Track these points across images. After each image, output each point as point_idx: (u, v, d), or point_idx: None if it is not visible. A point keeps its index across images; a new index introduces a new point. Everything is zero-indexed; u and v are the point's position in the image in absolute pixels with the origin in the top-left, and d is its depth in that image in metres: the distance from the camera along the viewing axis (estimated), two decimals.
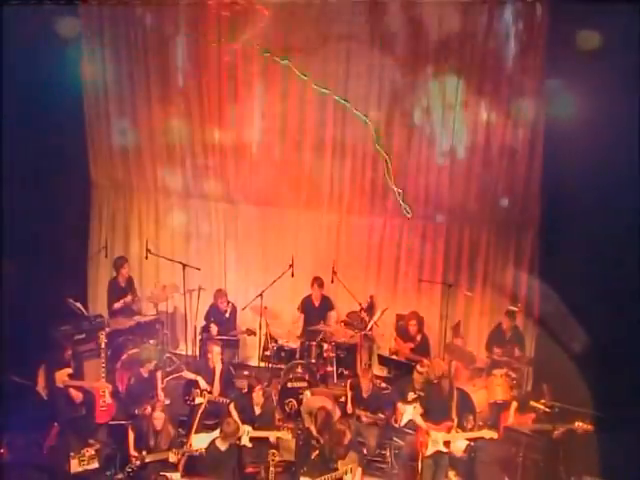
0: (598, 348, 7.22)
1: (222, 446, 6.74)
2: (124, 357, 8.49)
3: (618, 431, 6.79)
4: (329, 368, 8.43)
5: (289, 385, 8.21)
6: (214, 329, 9.05)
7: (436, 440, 7.05)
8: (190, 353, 9.63)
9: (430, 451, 7.05)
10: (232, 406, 7.48)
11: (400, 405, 7.75)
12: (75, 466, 7.12)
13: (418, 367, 7.78)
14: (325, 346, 8.72)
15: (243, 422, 7.25)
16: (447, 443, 7.06)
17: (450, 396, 7.29)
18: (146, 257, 9.63)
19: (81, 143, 9.65)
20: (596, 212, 7.41)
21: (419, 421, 7.27)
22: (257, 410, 7.41)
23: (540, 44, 8.38)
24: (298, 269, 9.24)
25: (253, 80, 9.22)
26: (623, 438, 6.70)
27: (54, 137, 8.77)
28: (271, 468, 6.76)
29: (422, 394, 7.69)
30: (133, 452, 6.86)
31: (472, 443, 7.21)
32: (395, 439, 7.66)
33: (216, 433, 6.92)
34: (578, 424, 6.97)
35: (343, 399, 7.97)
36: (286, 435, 7.24)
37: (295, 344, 9.02)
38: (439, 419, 7.18)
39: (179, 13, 9.03)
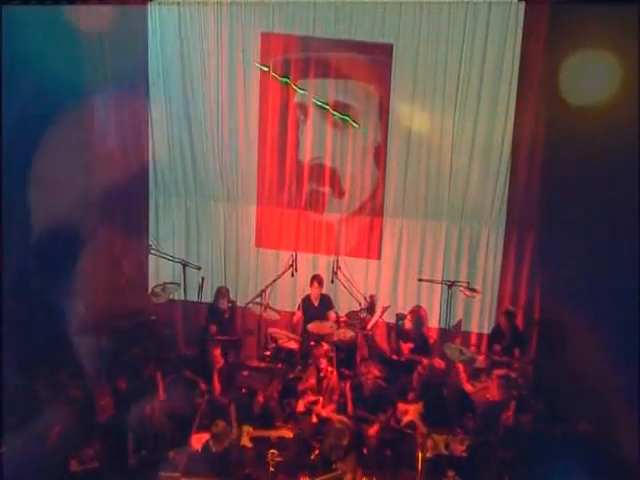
0: (598, 348, 7.23)
1: (215, 448, 6.67)
2: (125, 357, 8.49)
3: (618, 432, 6.81)
4: (329, 368, 8.41)
5: (289, 385, 8.20)
6: (214, 329, 9.06)
7: (437, 444, 7.04)
8: (190, 353, 9.63)
9: (431, 454, 7.03)
10: (232, 406, 7.48)
11: (400, 405, 7.76)
12: (75, 466, 7.12)
13: (419, 369, 7.77)
14: (325, 346, 8.71)
15: (243, 422, 7.26)
16: (448, 447, 7.05)
17: (452, 401, 7.26)
18: (146, 256, 9.63)
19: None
20: (596, 211, 7.43)
21: (419, 423, 7.24)
22: (257, 411, 7.40)
23: (540, 45, 8.41)
24: (298, 268, 9.24)
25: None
26: (623, 439, 6.72)
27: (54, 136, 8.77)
28: (271, 468, 6.76)
29: (422, 395, 7.69)
30: (133, 452, 6.85)
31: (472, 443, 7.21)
32: (395, 439, 7.66)
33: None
34: (577, 424, 6.97)
35: (343, 399, 7.98)
36: (286, 435, 7.23)
37: (295, 344, 9.03)
38: (440, 422, 7.15)
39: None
